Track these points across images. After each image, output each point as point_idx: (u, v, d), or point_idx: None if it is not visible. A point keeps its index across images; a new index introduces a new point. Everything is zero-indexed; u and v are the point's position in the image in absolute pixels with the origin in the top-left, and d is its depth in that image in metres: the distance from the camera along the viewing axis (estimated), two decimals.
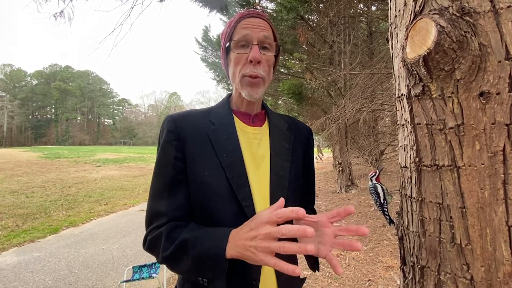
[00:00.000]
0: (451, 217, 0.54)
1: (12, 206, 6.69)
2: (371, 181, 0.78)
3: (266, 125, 0.81)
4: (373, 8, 6.49)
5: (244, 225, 0.58)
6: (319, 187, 8.76)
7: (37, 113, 72.64)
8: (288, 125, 0.85)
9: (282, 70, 7.82)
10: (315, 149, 8.15)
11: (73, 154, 22.97)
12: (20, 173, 12.30)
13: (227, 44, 0.74)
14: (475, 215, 0.52)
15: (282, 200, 0.57)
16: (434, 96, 0.56)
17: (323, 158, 7.79)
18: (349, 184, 7.41)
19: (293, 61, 7.81)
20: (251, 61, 0.71)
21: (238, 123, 0.76)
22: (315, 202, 0.92)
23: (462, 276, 0.53)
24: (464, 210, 0.53)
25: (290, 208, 0.53)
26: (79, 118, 75.23)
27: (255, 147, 0.75)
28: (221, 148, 0.70)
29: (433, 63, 0.53)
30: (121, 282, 2.68)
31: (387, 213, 0.75)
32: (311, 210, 0.90)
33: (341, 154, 7.03)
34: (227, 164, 0.69)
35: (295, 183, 0.78)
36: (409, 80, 0.60)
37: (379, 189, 0.76)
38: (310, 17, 6.24)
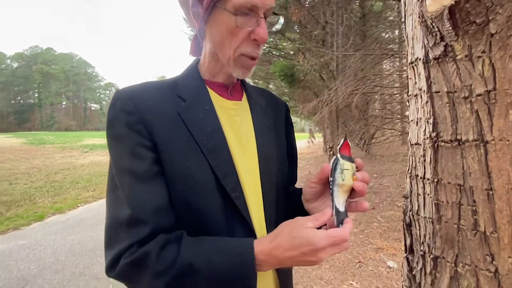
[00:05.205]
0: (474, 201, 0.47)
1: None
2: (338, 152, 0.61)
3: (245, 99, 0.68)
4: None
5: (279, 243, 0.49)
6: (309, 171, 8.78)
7: (19, 98, 69.89)
8: (266, 100, 0.73)
9: (274, 52, 7.60)
10: (308, 134, 8.12)
11: (59, 140, 22.27)
12: (3, 159, 11.85)
13: None
14: (504, 198, 0.44)
15: (329, 212, 0.53)
16: (459, 57, 0.46)
17: (315, 142, 7.75)
18: None
19: (284, 43, 7.60)
20: (255, 40, 0.57)
21: (215, 97, 0.62)
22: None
23: (485, 269, 0.46)
24: (491, 192, 0.45)
25: (347, 231, 0.49)
26: (64, 102, 72.89)
27: (238, 126, 0.63)
28: (198, 130, 0.57)
29: (461, 15, 0.43)
30: None
31: (333, 198, 0.54)
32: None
33: (332, 138, 7.01)
34: (209, 149, 0.56)
35: (282, 165, 0.70)
36: (427, 40, 0.50)
37: (331, 162, 0.61)
38: None
